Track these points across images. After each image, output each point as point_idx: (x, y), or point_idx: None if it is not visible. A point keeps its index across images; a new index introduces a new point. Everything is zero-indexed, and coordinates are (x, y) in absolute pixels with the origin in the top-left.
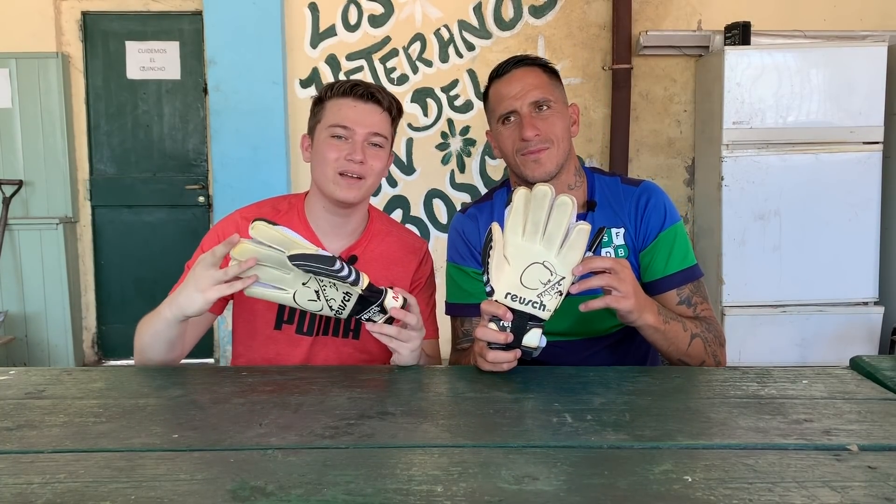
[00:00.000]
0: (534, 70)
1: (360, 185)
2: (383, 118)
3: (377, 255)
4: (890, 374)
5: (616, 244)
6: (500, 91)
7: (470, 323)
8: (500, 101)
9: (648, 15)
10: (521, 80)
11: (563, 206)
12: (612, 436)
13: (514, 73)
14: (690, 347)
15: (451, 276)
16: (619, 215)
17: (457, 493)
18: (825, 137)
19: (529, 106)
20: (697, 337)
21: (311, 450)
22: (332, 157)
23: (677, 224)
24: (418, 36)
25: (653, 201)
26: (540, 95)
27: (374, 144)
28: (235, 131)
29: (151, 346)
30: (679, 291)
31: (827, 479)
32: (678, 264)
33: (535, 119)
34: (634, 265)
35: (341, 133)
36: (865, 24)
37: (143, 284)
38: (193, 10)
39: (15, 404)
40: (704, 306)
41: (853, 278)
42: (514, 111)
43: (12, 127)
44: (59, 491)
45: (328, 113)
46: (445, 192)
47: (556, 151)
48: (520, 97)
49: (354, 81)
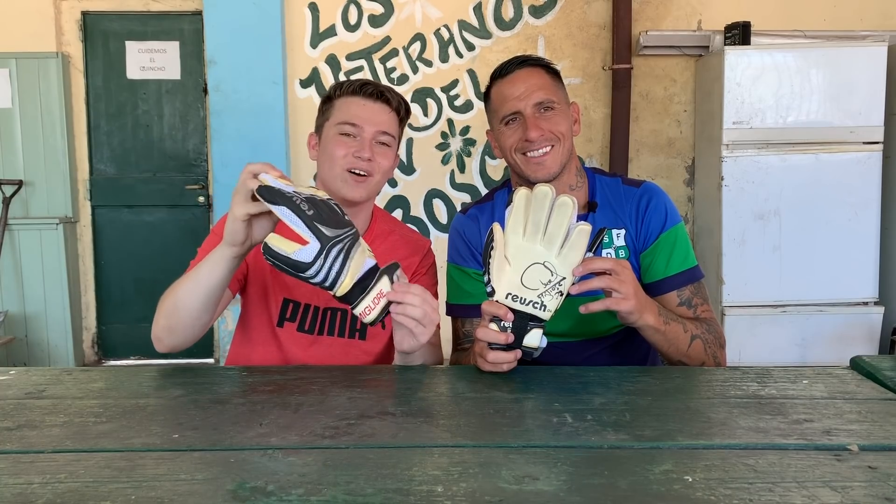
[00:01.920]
0: (537, 71)
1: (366, 182)
2: (391, 118)
3: (380, 255)
4: (890, 374)
5: (617, 245)
6: (503, 92)
7: (471, 324)
8: (503, 102)
9: (648, 15)
10: (524, 81)
11: (563, 206)
12: (612, 436)
13: (518, 74)
14: (690, 348)
15: (451, 277)
16: (620, 216)
17: (457, 493)
18: (825, 137)
19: (533, 107)
20: (697, 338)
21: (311, 450)
22: (340, 153)
23: (678, 225)
24: (418, 36)
25: (654, 202)
26: (544, 96)
27: (381, 143)
28: (235, 131)
29: (186, 303)
30: (679, 293)
31: (827, 480)
32: (679, 265)
33: (539, 119)
34: (635, 266)
35: (350, 131)
36: (865, 24)
37: (143, 284)
38: (193, 10)
39: (15, 404)
40: (705, 307)
41: (853, 278)
42: (517, 112)
43: (12, 127)
44: (60, 491)
45: (337, 111)
46: (445, 192)
47: (559, 151)
48: (523, 98)
49: (364, 80)
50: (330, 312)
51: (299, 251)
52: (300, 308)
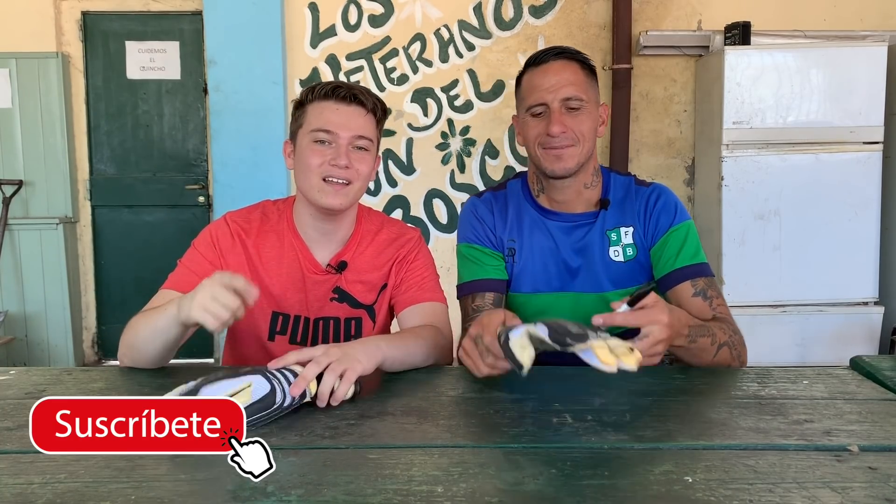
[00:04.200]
0: (571, 65)
1: (346, 191)
2: (368, 120)
3: (368, 256)
4: (890, 375)
5: (625, 243)
6: (533, 81)
7: (482, 298)
8: (532, 91)
9: (648, 15)
10: (557, 74)
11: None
12: (612, 436)
13: (552, 65)
14: (716, 358)
15: (463, 257)
16: (629, 214)
17: (457, 493)
18: (825, 137)
19: (561, 101)
20: (725, 346)
21: (311, 450)
22: (315, 163)
23: (688, 222)
24: (418, 36)
25: (663, 199)
26: (573, 92)
27: (359, 148)
28: (235, 131)
29: (146, 344)
30: (693, 283)
31: (827, 480)
32: (690, 258)
33: (564, 116)
34: (644, 263)
35: (324, 138)
36: (865, 24)
37: (143, 284)
38: (193, 10)
39: (15, 404)
40: (720, 301)
41: (853, 278)
42: (544, 104)
43: (12, 127)
44: (60, 491)
45: (310, 117)
46: (445, 192)
47: (579, 150)
48: (552, 90)
49: (336, 83)
50: (322, 322)
51: (253, 393)
52: (290, 320)
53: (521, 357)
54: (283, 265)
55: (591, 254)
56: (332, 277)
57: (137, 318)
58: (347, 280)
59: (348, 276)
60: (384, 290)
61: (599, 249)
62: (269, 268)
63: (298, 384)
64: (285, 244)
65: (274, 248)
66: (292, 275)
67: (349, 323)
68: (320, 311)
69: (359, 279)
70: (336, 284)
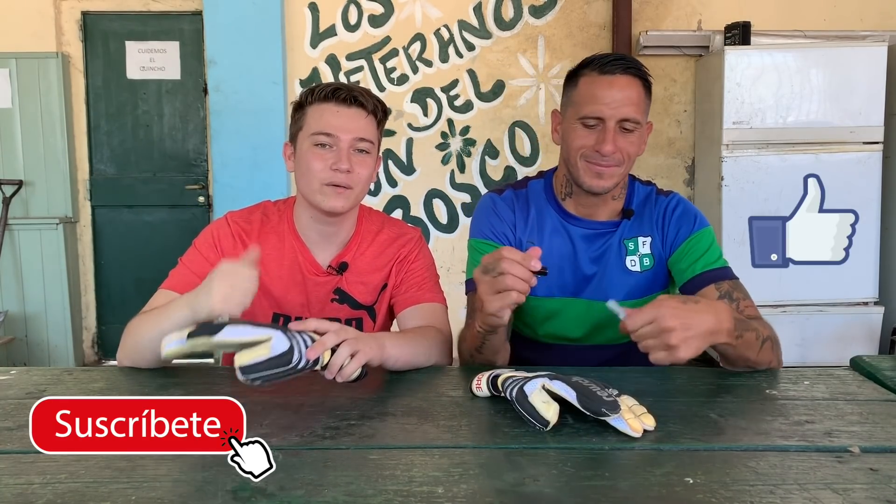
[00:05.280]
0: (636, 83)
1: (348, 194)
2: (368, 122)
3: (368, 257)
4: (890, 375)
5: (642, 253)
6: (594, 90)
7: None
8: (590, 101)
9: (648, 15)
10: (622, 90)
11: None
12: (613, 437)
13: (618, 79)
14: (759, 355)
15: (475, 251)
16: (648, 223)
17: (458, 494)
18: (825, 137)
19: (618, 121)
20: (768, 340)
21: (311, 450)
22: (317, 167)
23: (708, 228)
24: (418, 36)
25: (681, 207)
26: (632, 114)
27: (360, 150)
28: (235, 131)
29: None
30: (718, 286)
31: (829, 482)
32: (712, 263)
33: (617, 136)
34: (660, 274)
35: (325, 141)
36: (865, 24)
37: (143, 284)
38: (193, 10)
39: (16, 404)
40: (748, 303)
41: (853, 278)
42: (601, 119)
43: (12, 127)
44: (60, 491)
45: (310, 119)
46: (445, 192)
47: (621, 170)
48: (613, 107)
49: (336, 85)
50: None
51: (272, 347)
52: (291, 321)
53: (545, 414)
54: (283, 266)
55: (607, 262)
56: (333, 279)
57: (138, 321)
58: (348, 281)
59: (349, 278)
60: (384, 291)
61: (616, 258)
62: (270, 269)
63: (316, 348)
64: (286, 245)
65: (275, 249)
66: (293, 276)
67: (349, 324)
68: (321, 313)
69: (360, 280)
70: (337, 285)
